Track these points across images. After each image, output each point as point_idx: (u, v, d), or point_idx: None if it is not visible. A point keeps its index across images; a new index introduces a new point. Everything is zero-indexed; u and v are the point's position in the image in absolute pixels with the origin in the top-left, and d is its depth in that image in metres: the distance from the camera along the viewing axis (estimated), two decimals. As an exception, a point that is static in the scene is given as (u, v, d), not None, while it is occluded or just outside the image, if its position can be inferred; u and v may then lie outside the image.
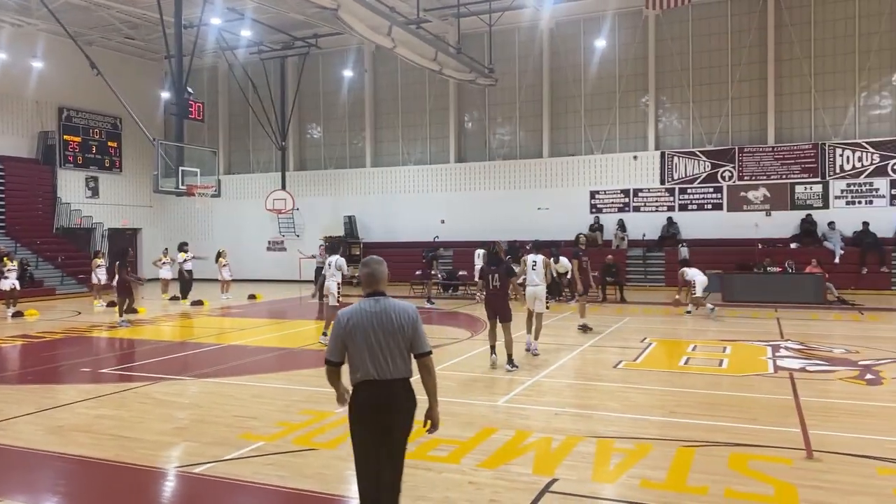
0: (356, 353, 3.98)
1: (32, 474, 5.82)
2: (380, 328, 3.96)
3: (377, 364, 3.95)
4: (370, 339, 3.96)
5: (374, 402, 3.96)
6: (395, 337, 3.97)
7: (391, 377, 3.96)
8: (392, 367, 3.96)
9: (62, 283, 24.16)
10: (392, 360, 3.97)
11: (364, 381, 3.96)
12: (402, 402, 4.00)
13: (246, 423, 7.08)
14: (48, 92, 27.41)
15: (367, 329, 3.96)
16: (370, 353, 3.95)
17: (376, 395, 3.96)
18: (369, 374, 3.95)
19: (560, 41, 26.14)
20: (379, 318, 3.98)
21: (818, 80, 23.05)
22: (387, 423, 3.97)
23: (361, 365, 3.96)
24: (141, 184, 30.92)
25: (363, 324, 3.98)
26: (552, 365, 10.13)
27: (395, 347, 3.97)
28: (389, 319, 3.99)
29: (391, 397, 3.97)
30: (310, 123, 30.72)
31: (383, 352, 3.95)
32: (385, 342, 3.96)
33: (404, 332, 3.99)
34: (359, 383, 3.99)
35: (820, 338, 12.48)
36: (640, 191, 24.94)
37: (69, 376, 10.08)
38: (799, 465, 5.64)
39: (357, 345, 3.97)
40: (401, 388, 4.00)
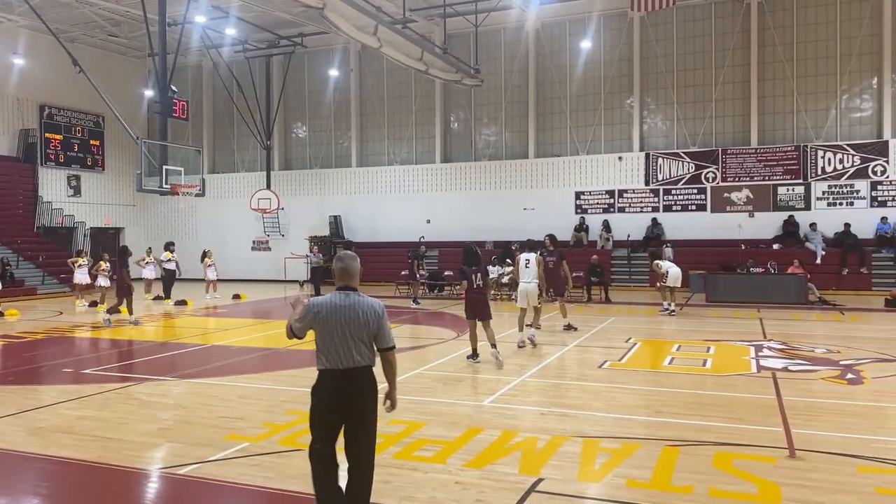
0: (323, 342, 4.24)
1: (13, 476, 5.74)
2: (346, 322, 4.22)
3: (342, 355, 4.21)
4: (337, 331, 4.21)
5: (338, 390, 4.22)
6: (361, 331, 4.24)
7: (354, 366, 4.22)
8: (356, 358, 4.23)
9: (43, 283, 23.88)
10: (357, 351, 4.23)
11: (329, 369, 4.24)
12: (364, 388, 4.26)
13: (231, 423, 7.04)
14: (29, 89, 27.09)
15: (336, 321, 4.21)
16: (336, 343, 4.21)
17: (340, 383, 4.22)
18: (335, 363, 4.22)
19: (546, 42, 26.23)
20: (347, 312, 4.24)
21: (800, 82, 23.31)
22: (353, 407, 4.24)
23: (327, 354, 4.23)
24: (124, 183, 30.65)
25: (333, 316, 4.23)
26: (538, 365, 10.16)
27: (359, 340, 4.24)
28: (357, 315, 4.25)
29: (354, 385, 4.23)
30: (295, 123, 30.59)
31: (348, 343, 4.21)
32: (351, 335, 4.22)
33: (370, 327, 4.27)
34: (324, 370, 4.26)
35: (802, 338, 12.61)
36: (625, 192, 25.08)
37: (51, 377, 9.96)
38: (782, 463, 5.69)
39: (325, 335, 4.23)
40: (363, 376, 4.26)
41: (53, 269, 24.38)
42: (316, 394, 4.30)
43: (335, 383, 4.23)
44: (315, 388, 4.31)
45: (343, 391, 4.22)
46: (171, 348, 12.57)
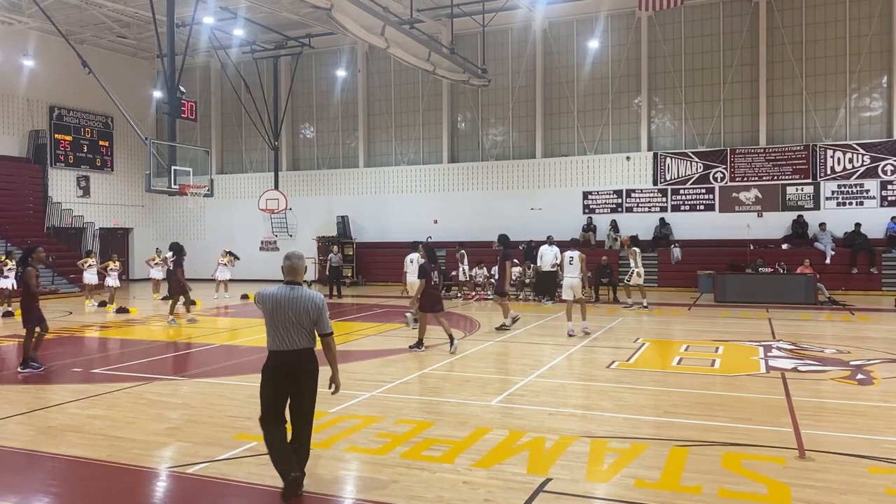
0: (271, 327, 5.03)
1: (24, 475, 5.78)
2: (291, 311, 4.99)
3: (286, 338, 5.00)
4: (283, 318, 4.99)
5: (283, 367, 5.02)
6: (303, 319, 5.00)
7: (297, 348, 5.01)
8: (298, 341, 5.01)
9: (53, 283, 24.01)
10: (298, 335, 5.01)
11: (276, 350, 5.04)
12: (305, 365, 5.05)
13: (239, 423, 7.06)
14: (39, 90, 27.27)
15: (282, 310, 5.00)
16: (282, 328, 5.00)
17: (284, 362, 5.02)
18: (280, 345, 5.02)
19: (553, 42, 26.19)
20: (292, 303, 5.01)
21: (809, 82, 23.19)
22: (296, 382, 5.02)
23: (275, 337, 5.03)
24: (133, 183, 30.80)
25: (279, 305, 5.01)
26: (545, 365, 10.14)
27: (301, 327, 5.01)
28: (299, 305, 5.01)
29: (296, 363, 5.02)
30: (303, 123, 30.66)
31: (293, 329, 4.99)
32: (294, 322, 4.99)
33: (310, 315, 5.03)
34: (272, 351, 5.07)
35: (811, 338, 12.55)
36: (633, 191, 25.01)
37: (60, 376, 10.01)
38: (792, 464, 5.66)
39: (273, 321, 5.01)
40: (304, 356, 5.05)
41: (63, 269, 24.50)
42: (265, 370, 5.09)
43: (281, 362, 5.01)
44: (264, 365, 5.09)
45: (287, 369, 5.00)
46: (180, 348, 12.63)
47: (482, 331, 13.90)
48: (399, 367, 10.36)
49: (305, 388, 5.06)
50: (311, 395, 5.11)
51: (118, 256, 21.46)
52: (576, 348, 11.66)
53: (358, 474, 5.62)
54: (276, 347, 5.02)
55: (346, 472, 5.69)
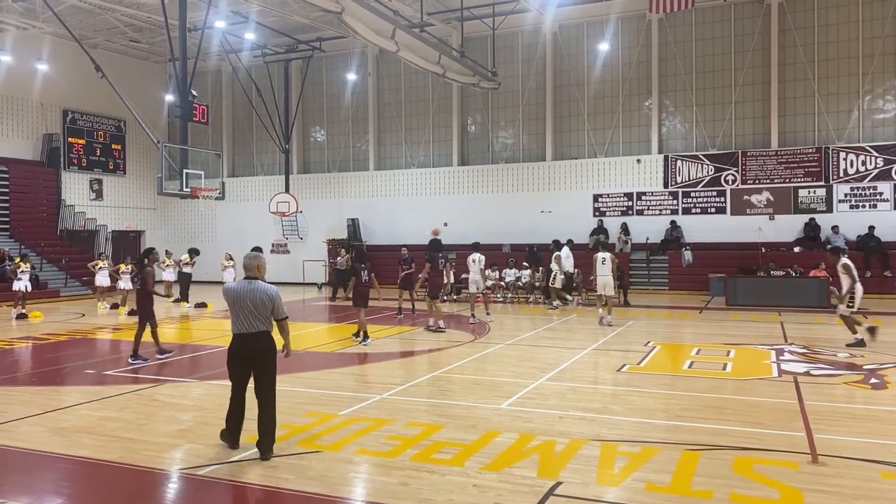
0: (235, 314, 6.09)
1: (37, 476, 5.82)
2: (250, 301, 6.04)
3: (246, 323, 6.06)
4: (244, 306, 6.04)
5: (245, 347, 6.09)
6: (259, 307, 6.05)
7: (256, 331, 6.07)
8: (257, 325, 6.06)
9: (66, 286, 24.21)
10: (256, 321, 6.06)
11: (239, 333, 6.09)
12: (264, 345, 6.11)
13: (249, 425, 7.04)
14: (53, 94, 27.52)
15: (242, 300, 6.05)
16: (242, 315, 6.05)
17: (246, 343, 6.08)
18: (241, 329, 6.08)
19: (563, 44, 26.17)
20: (250, 294, 6.06)
21: (822, 84, 23.05)
22: (255, 359, 6.08)
23: (237, 322, 6.09)
24: (145, 186, 31.01)
25: (240, 296, 6.06)
26: (555, 368, 10.12)
27: (259, 313, 6.06)
28: (255, 296, 6.05)
29: (256, 343, 6.08)
30: (313, 126, 30.78)
31: (251, 315, 6.04)
32: (252, 309, 6.03)
33: (265, 304, 6.08)
34: (236, 334, 6.12)
35: (824, 342, 12.45)
36: (644, 194, 24.93)
37: (73, 378, 10.09)
38: (804, 469, 5.62)
39: (235, 309, 6.07)
40: (263, 337, 6.10)
41: (76, 271, 24.69)
42: (231, 350, 6.16)
43: (243, 342, 6.09)
44: (230, 346, 6.16)
45: (248, 348, 6.08)
46: (191, 350, 12.69)
47: (492, 334, 13.89)
48: (409, 369, 10.37)
49: (264, 363, 6.09)
50: (269, 369, 6.12)
51: (130, 259, 21.56)
52: (586, 351, 11.62)
53: (368, 477, 5.63)
54: (239, 331, 6.08)
55: (356, 474, 5.70)
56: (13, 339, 13.88)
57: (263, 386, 6.12)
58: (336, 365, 10.99)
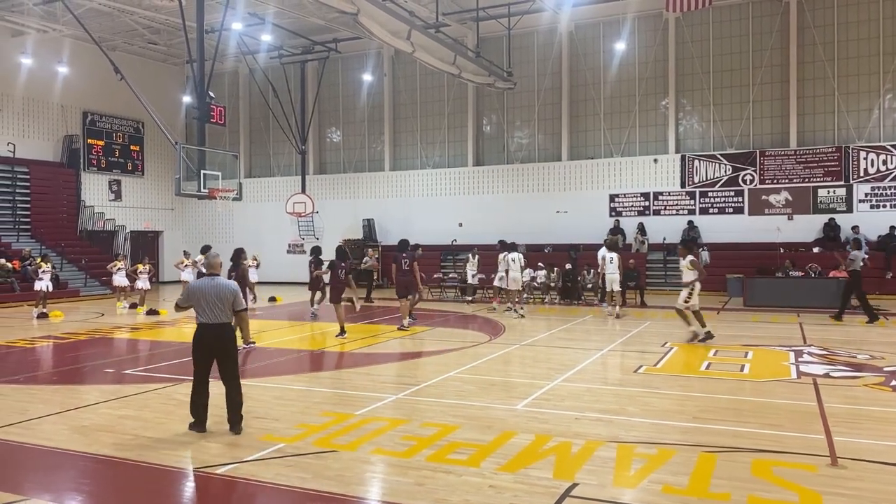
0: (199, 307, 6.80)
1: (57, 473, 5.90)
2: (214, 295, 6.79)
3: (211, 314, 6.79)
4: (208, 300, 6.78)
5: (209, 337, 6.81)
6: (222, 301, 6.81)
7: (219, 322, 6.81)
8: (220, 316, 6.81)
9: (86, 286, 24.49)
10: (220, 313, 6.81)
11: (204, 323, 6.81)
12: (227, 334, 6.87)
13: (267, 424, 7.13)
14: (73, 96, 27.85)
15: (207, 295, 6.79)
16: (207, 308, 6.78)
17: (210, 333, 6.80)
18: (206, 319, 6.79)
19: (579, 44, 26.08)
20: (214, 289, 6.83)
21: (841, 82, 22.79)
22: (218, 348, 6.82)
23: (203, 314, 6.80)
24: (163, 187, 31.31)
25: (204, 291, 6.81)
26: (571, 369, 10.09)
27: (222, 306, 6.81)
28: (219, 290, 6.83)
29: (219, 333, 6.82)
30: (329, 127, 30.91)
31: (215, 308, 6.78)
32: (215, 302, 6.78)
33: (227, 298, 6.84)
34: (201, 324, 6.82)
35: (844, 343, 12.31)
36: (661, 194, 24.79)
37: (93, 377, 10.21)
38: (823, 472, 5.56)
39: (201, 303, 6.78)
40: (225, 327, 6.85)
41: (96, 271, 24.98)
42: (195, 339, 6.87)
43: (208, 333, 6.80)
44: (195, 336, 6.87)
45: (213, 337, 6.80)
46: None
47: (507, 335, 13.87)
48: (424, 369, 10.38)
49: (228, 350, 6.86)
50: (233, 355, 6.91)
51: (148, 259, 21.77)
52: (602, 352, 11.58)
53: (384, 476, 5.65)
54: (204, 321, 6.80)
55: (373, 474, 5.72)
56: (35, 339, 14.07)
57: (228, 370, 6.86)
58: (352, 365, 11.03)
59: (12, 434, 6.88)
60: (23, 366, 11.34)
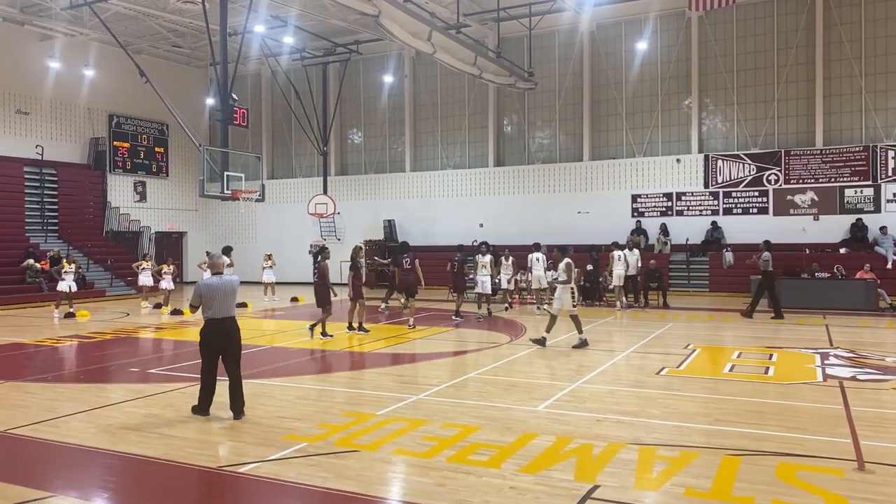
0: (209, 303, 7.34)
1: (84, 471, 6.00)
2: (222, 291, 7.40)
3: (220, 309, 7.37)
4: (218, 296, 7.35)
5: (219, 329, 7.40)
6: (229, 296, 7.46)
7: (228, 316, 7.44)
8: (228, 311, 7.44)
9: (112, 286, 24.84)
10: (228, 307, 7.44)
11: (214, 318, 7.36)
12: (233, 328, 7.49)
13: (289, 424, 7.19)
14: (99, 99, 28.28)
15: (217, 291, 7.36)
16: (217, 303, 7.34)
17: (220, 326, 7.40)
18: (216, 314, 7.35)
19: (601, 44, 25.94)
20: (222, 286, 7.42)
21: (869, 80, 22.42)
22: (227, 340, 7.43)
23: (213, 309, 7.34)
24: (187, 188, 31.67)
25: (214, 289, 7.37)
26: (593, 371, 10.04)
27: (229, 301, 7.47)
28: (227, 287, 7.47)
29: (228, 326, 7.45)
30: (351, 128, 31.06)
31: (224, 303, 7.39)
32: (224, 297, 7.39)
33: (234, 294, 7.58)
34: (210, 319, 7.38)
35: (872, 346, 12.12)
36: (684, 194, 24.58)
37: (119, 376, 10.36)
38: (850, 476, 5.48)
39: (210, 299, 7.33)
40: (233, 321, 7.50)
41: (121, 272, 25.33)
42: (205, 333, 7.43)
43: (218, 326, 7.38)
44: (205, 330, 7.43)
45: (222, 330, 7.40)
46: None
47: (528, 336, 13.83)
48: (445, 370, 10.40)
49: (235, 341, 7.48)
50: (238, 345, 7.54)
51: (172, 259, 22.03)
52: (624, 354, 11.51)
53: (405, 477, 5.67)
54: (214, 316, 7.34)
55: (394, 474, 5.74)
56: (62, 338, 14.31)
57: (234, 360, 7.48)
58: (373, 365, 11.07)
59: (41, 432, 7.01)
60: (51, 365, 11.54)
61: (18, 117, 26.22)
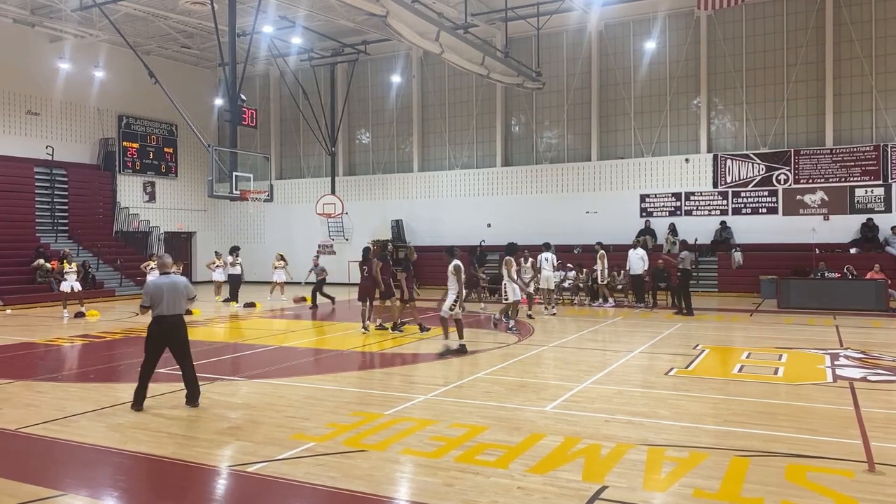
0: (157, 301, 7.73)
1: (94, 469, 6.03)
2: (169, 290, 7.77)
3: (168, 307, 7.76)
4: (166, 295, 7.74)
5: (165, 327, 7.80)
6: (177, 295, 7.83)
7: (175, 313, 7.84)
8: (176, 308, 7.83)
9: (121, 286, 24.96)
10: (176, 305, 7.82)
11: (161, 315, 7.77)
12: (179, 325, 7.90)
13: (297, 423, 7.20)
14: (109, 100, 28.43)
15: (164, 290, 7.76)
16: (165, 302, 7.73)
17: (166, 323, 7.81)
18: (165, 311, 7.76)
19: (609, 43, 25.88)
20: (169, 285, 7.81)
21: (879, 79, 22.28)
22: (173, 337, 7.85)
23: (160, 307, 7.74)
24: (196, 188, 31.79)
25: (161, 287, 7.78)
26: (601, 371, 10.02)
27: (180, 298, 7.86)
28: (174, 286, 7.84)
29: (174, 323, 7.85)
30: (359, 129, 31.10)
31: (172, 301, 7.76)
32: (176, 295, 7.81)
33: (181, 292, 7.88)
34: (158, 316, 7.79)
35: (882, 347, 12.03)
36: (692, 194, 24.49)
37: (128, 375, 10.38)
38: (860, 478, 5.45)
39: (158, 297, 7.73)
40: (180, 318, 7.91)
41: (130, 271, 25.45)
42: (151, 330, 7.85)
43: (164, 324, 7.79)
44: (151, 326, 7.85)
45: (168, 328, 7.80)
46: (240, 349, 12.96)
47: (536, 336, 13.82)
48: (453, 370, 10.39)
49: (181, 337, 7.89)
50: (185, 341, 7.95)
51: (181, 259, 22.11)
52: (633, 354, 11.47)
53: (413, 477, 5.66)
54: (161, 314, 7.75)
55: (401, 474, 5.74)
56: (71, 337, 14.39)
57: (184, 357, 7.93)
58: (381, 365, 11.09)
59: (51, 430, 7.05)
60: (61, 364, 11.61)
61: (29, 118, 26.39)
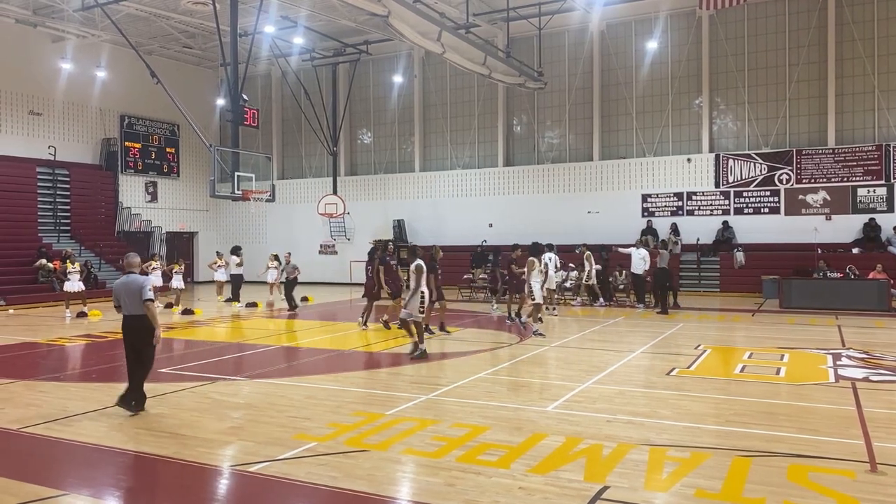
0: (118, 300, 7.83)
1: (97, 469, 6.04)
2: (128, 290, 7.73)
3: (128, 307, 7.76)
4: (124, 295, 7.74)
5: (126, 326, 7.85)
6: (135, 295, 7.69)
7: (135, 314, 7.73)
8: (136, 309, 7.71)
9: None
10: (134, 306, 7.71)
11: (124, 314, 7.84)
12: (138, 326, 7.74)
13: (299, 423, 7.21)
14: (111, 100, 28.46)
15: (124, 290, 7.75)
16: (124, 302, 7.76)
17: (126, 323, 7.82)
18: (126, 311, 7.79)
19: (611, 43, 25.87)
20: (127, 284, 7.77)
21: (882, 79, 22.25)
22: (133, 337, 7.81)
23: (124, 307, 7.79)
24: (197, 188, 31.82)
25: (118, 287, 7.83)
26: (603, 371, 10.01)
27: (136, 299, 7.68)
28: (131, 286, 7.73)
29: (133, 323, 7.78)
30: (360, 129, 31.11)
31: (130, 301, 7.72)
32: (130, 296, 7.72)
33: (137, 291, 7.69)
34: (123, 315, 7.85)
35: (885, 347, 12.01)
36: (694, 194, 24.47)
37: (130, 375, 10.39)
38: (862, 478, 5.44)
39: (121, 297, 7.78)
40: (140, 319, 7.71)
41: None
42: (122, 328, 7.92)
43: (126, 323, 7.84)
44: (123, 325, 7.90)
45: (128, 327, 7.83)
46: (242, 349, 12.96)
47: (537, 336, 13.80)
48: (455, 370, 10.39)
49: (143, 338, 7.74)
50: (144, 346, 7.78)
51: (182, 259, 22.13)
52: (634, 354, 11.47)
53: (414, 476, 5.67)
54: (123, 313, 7.81)
55: (403, 474, 5.75)
56: (73, 337, 14.41)
57: (141, 355, 7.84)
58: (383, 365, 11.09)
59: (53, 430, 7.07)
60: (63, 363, 11.63)
61: (31, 118, 26.42)
